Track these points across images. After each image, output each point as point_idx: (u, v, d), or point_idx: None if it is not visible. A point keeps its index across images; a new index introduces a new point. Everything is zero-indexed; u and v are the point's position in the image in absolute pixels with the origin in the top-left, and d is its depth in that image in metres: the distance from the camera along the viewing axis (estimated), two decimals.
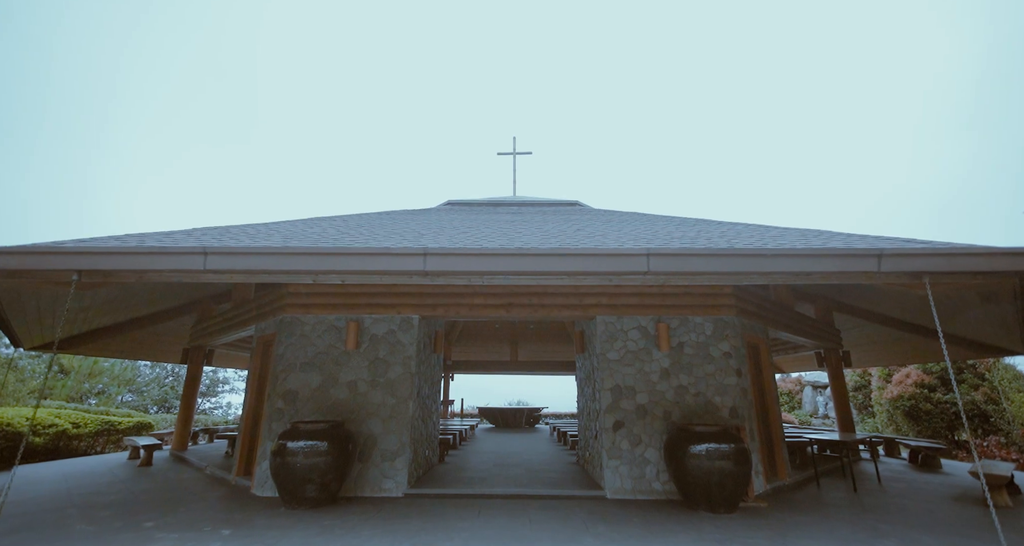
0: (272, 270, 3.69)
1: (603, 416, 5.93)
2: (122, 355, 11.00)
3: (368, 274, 3.86)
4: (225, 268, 3.66)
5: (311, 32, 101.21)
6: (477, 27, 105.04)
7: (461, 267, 3.67)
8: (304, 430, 5.13)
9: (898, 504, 5.35)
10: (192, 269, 3.65)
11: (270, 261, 3.68)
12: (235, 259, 3.67)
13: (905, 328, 9.11)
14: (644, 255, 3.67)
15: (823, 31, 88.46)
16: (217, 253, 3.65)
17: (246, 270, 3.70)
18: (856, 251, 3.68)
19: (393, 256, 3.71)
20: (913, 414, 12.33)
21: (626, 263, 3.66)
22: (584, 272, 3.71)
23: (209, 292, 9.69)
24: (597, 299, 6.24)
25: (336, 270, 3.73)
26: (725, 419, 5.84)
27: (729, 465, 4.85)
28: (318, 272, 3.76)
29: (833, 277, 3.81)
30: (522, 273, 3.72)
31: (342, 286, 6.25)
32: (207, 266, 3.64)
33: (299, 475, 4.91)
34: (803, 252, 3.67)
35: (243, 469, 6.43)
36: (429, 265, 3.67)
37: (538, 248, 3.73)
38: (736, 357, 6.08)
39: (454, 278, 3.96)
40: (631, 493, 5.61)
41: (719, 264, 3.63)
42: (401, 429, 5.92)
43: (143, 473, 7.24)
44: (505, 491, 5.77)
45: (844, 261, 3.63)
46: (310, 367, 6.11)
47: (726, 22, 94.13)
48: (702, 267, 3.64)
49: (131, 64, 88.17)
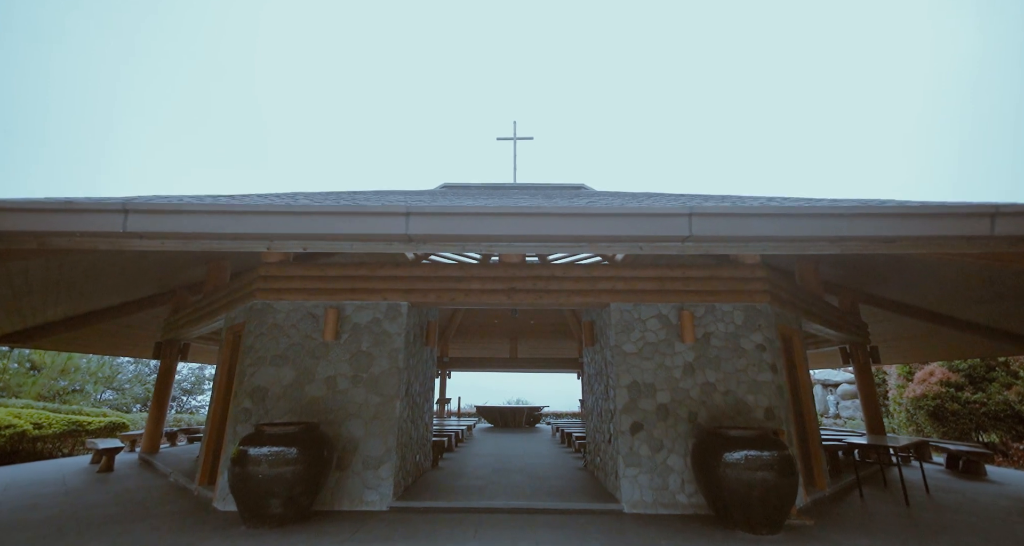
0: (213, 233, 2.92)
1: (619, 417, 5.17)
2: (87, 349, 10.18)
3: (336, 239, 3.09)
4: (152, 230, 2.88)
5: (308, 15, 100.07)
6: (476, 13, 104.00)
7: (453, 230, 2.91)
8: (270, 434, 4.35)
9: (965, 522, 4.60)
10: (109, 231, 2.87)
11: (210, 221, 2.90)
12: (164, 219, 2.89)
13: (941, 321, 8.36)
14: (685, 215, 2.91)
15: (832, 10, 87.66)
16: (141, 211, 2.87)
17: (179, 233, 2.92)
18: (963, 209, 2.88)
19: (368, 216, 2.94)
20: (938, 415, 11.59)
21: (662, 225, 2.90)
22: (609, 237, 2.94)
23: (183, 280, 8.88)
24: (611, 284, 5.47)
25: (296, 234, 2.96)
26: (760, 421, 5.07)
27: (772, 476, 4.08)
28: (273, 236, 3.00)
29: (925, 243, 3.05)
30: (531, 239, 2.96)
31: (319, 267, 5.46)
32: (128, 227, 2.86)
33: (262, 488, 4.13)
34: (891, 211, 2.90)
35: (207, 478, 5.65)
36: (413, 227, 2.91)
37: (551, 207, 2.96)
38: (771, 350, 5.32)
39: (445, 246, 3.19)
40: (652, 507, 4.85)
41: (781, 226, 2.87)
42: (386, 432, 5.14)
43: (100, 481, 6.45)
44: (506, 504, 5.00)
45: (945, 222, 2.87)
46: (282, 361, 5.33)
47: (732, 4, 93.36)
48: (759, 230, 2.88)
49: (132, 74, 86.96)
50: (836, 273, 7.99)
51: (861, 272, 7.38)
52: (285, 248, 3.25)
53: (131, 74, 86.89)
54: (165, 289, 9.05)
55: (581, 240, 3.01)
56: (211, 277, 7.72)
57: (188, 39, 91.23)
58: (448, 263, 5.49)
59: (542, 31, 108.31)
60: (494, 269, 5.56)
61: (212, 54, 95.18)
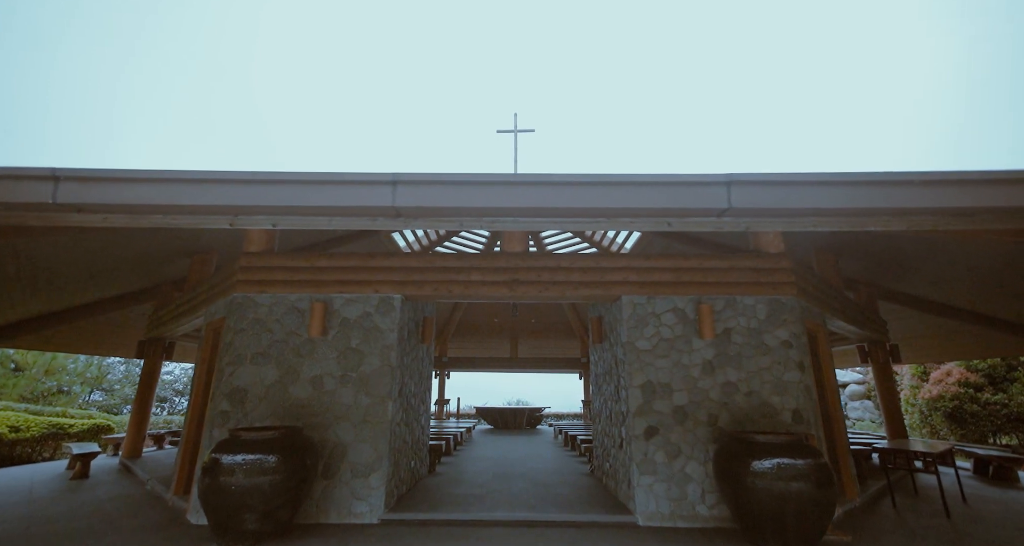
0: (166, 205, 2.48)
1: (631, 420, 4.72)
2: (68, 349, 9.72)
3: (311, 214, 2.66)
4: (90, 201, 2.44)
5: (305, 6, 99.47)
6: (476, 6, 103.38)
7: (449, 201, 2.48)
8: (246, 440, 3.90)
9: (1022, 539, 4.15)
10: (38, 203, 2.42)
11: (161, 192, 2.46)
12: (104, 189, 2.45)
13: (966, 318, 7.93)
14: (723, 184, 2.47)
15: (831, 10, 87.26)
16: (75, 178, 2.43)
17: (125, 205, 2.48)
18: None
19: (348, 185, 2.50)
20: (956, 417, 11.14)
21: (696, 195, 2.46)
22: (631, 210, 2.51)
23: (168, 275, 8.43)
24: (623, 275, 5.02)
25: (264, 206, 2.53)
26: (787, 425, 4.63)
27: (809, 488, 3.64)
28: (237, 210, 2.56)
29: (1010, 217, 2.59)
30: (540, 212, 2.52)
31: (306, 257, 5.02)
32: (59, 198, 2.42)
33: (236, 501, 3.68)
34: (974, 177, 2.46)
35: (182, 487, 5.20)
36: (401, 198, 2.47)
37: (564, 175, 2.52)
38: (797, 347, 4.87)
39: (439, 221, 2.75)
40: (669, 519, 4.41)
41: (837, 196, 2.43)
42: (377, 436, 4.70)
43: (70, 489, 6.00)
44: (509, 515, 4.56)
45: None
46: (264, 359, 4.88)
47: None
48: (810, 200, 2.44)
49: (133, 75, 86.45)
50: (856, 267, 7.55)
51: (885, 265, 6.94)
52: (251, 224, 2.80)
53: (132, 74, 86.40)
54: (150, 284, 8.60)
55: (599, 214, 2.57)
56: (194, 270, 7.29)
57: (188, 39, 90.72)
58: (446, 253, 5.04)
59: (543, 23, 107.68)
60: (495, 259, 5.12)
61: (212, 54, 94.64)
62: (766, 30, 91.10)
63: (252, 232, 4.95)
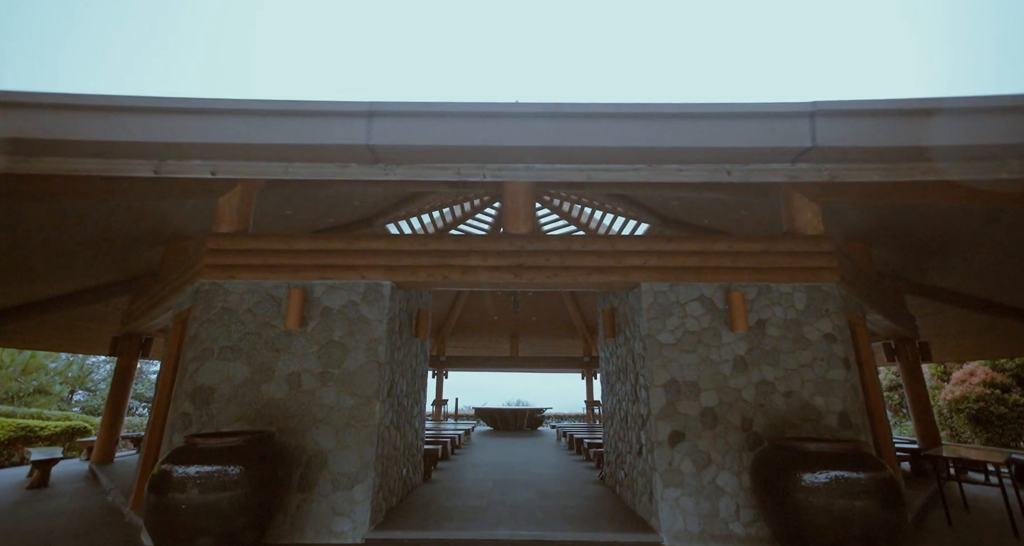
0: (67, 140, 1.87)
1: (653, 424, 4.13)
2: (38, 346, 9.09)
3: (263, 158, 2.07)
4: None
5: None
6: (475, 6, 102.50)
7: (441, 139, 1.89)
8: (204, 448, 3.29)
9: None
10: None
11: (61, 123, 1.84)
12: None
13: (1005, 313, 7.35)
14: (806, 114, 1.85)
15: None
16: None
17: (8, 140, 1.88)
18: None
19: (311, 116, 1.90)
20: (981, 419, 10.57)
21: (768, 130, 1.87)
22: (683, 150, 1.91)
23: (146, 265, 7.81)
24: (643, 259, 4.42)
25: (199, 144, 1.94)
26: (834, 430, 4.04)
27: (875, 507, 3.04)
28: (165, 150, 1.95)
29: None
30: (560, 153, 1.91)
31: (282, 238, 4.41)
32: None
33: (186, 522, 3.07)
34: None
35: (141, 500, 4.58)
36: (377, 135, 1.87)
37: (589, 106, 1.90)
38: (841, 341, 4.28)
39: (428, 169, 2.15)
40: (699, 539, 3.81)
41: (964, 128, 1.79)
42: (362, 442, 4.09)
43: (22, 501, 5.39)
44: (513, 534, 3.96)
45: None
46: (234, 354, 4.27)
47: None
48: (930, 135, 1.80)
49: None
50: (886, 257, 6.97)
51: (923, 254, 6.35)
52: (183, 171, 2.20)
53: (133, 75, 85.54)
54: (125, 276, 7.99)
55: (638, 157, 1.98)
56: (168, 259, 6.68)
57: (188, 39, 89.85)
58: (442, 236, 4.44)
59: (543, 10, 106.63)
60: (498, 242, 4.51)
61: (212, 53, 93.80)
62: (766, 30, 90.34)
63: (223, 208, 4.34)
